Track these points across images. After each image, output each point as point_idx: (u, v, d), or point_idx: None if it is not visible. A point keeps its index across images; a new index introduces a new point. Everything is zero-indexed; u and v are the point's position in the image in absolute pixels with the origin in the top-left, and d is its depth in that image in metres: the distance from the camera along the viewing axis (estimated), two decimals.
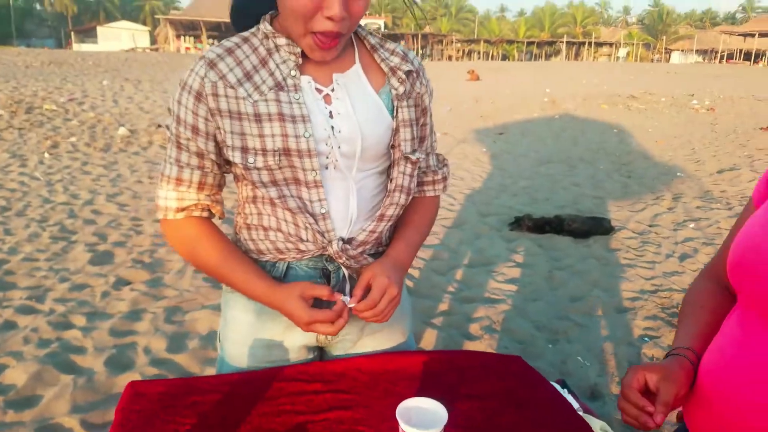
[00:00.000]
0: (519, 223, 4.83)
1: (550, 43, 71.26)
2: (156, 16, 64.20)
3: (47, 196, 5.36)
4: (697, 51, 65.99)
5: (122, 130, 8.58)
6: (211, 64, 0.99)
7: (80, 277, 3.59)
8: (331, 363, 1.16)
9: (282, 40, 1.01)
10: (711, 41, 64.04)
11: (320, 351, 1.24)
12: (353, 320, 1.11)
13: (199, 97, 0.99)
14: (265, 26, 1.02)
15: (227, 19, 1.16)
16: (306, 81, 1.03)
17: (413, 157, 1.10)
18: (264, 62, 1.02)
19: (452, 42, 64.08)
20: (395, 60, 1.08)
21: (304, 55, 1.02)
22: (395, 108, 1.08)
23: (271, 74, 1.01)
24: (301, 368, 1.14)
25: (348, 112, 1.04)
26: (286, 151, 1.00)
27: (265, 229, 1.10)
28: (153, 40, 55.94)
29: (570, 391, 1.78)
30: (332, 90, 1.04)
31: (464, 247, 4.39)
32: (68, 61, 22.60)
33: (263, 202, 1.08)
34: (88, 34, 59.13)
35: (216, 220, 1.14)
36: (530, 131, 10.35)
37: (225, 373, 1.17)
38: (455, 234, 4.68)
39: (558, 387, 1.30)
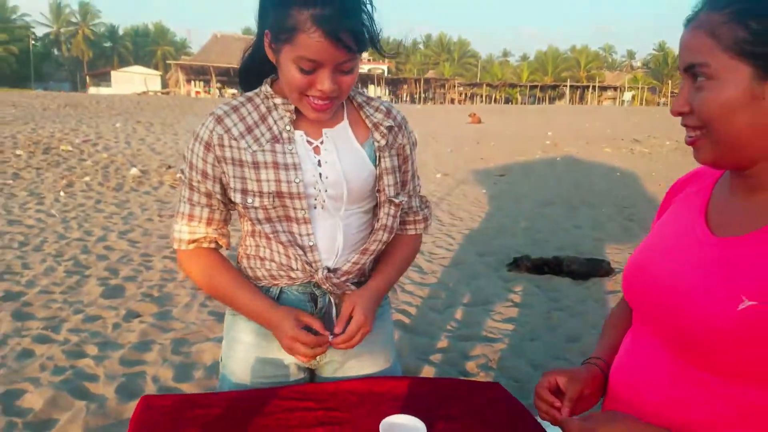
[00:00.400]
0: (517, 264, 4.83)
1: (554, 87, 71.50)
2: (167, 61, 65.73)
3: (63, 232, 5.54)
4: None
5: (134, 171, 8.84)
6: (219, 120, 1.18)
7: (93, 309, 3.72)
8: (324, 384, 1.29)
9: (279, 100, 1.20)
10: None
11: (311, 372, 1.38)
12: None
13: (208, 147, 1.17)
14: (266, 88, 1.21)
15: (235, 65, 1.36)
16: (299, 135, 1.20)
17: (396, 200, 1.27)
18: (264, 118, 1.20)
19: (454, 86, 64.26)
20: (378, 116, 1.26)
21: (298, 111, 1.19)
22: (378, 157, 1.25)
23: (269, 129, 1.19)
24: (296, 388, 1.27)
25: (334, 162, 1.21)
26: (279, 194, 1.17)
27: (261, 259, 1.27)
28: (164, 84, 56.95)
29: None
30: (321, 142, 1.22)
31: (462, 286, 4.45)
32: (83, 104, 23.10)
33: (260, 236, 1.25)
34: (102, 78, 60.57)
35: (223, 251, 1.31)
36: (532, 173, 10.46)
37: (227, 391, 1.30)
38: (453, 273, 4.74)
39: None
